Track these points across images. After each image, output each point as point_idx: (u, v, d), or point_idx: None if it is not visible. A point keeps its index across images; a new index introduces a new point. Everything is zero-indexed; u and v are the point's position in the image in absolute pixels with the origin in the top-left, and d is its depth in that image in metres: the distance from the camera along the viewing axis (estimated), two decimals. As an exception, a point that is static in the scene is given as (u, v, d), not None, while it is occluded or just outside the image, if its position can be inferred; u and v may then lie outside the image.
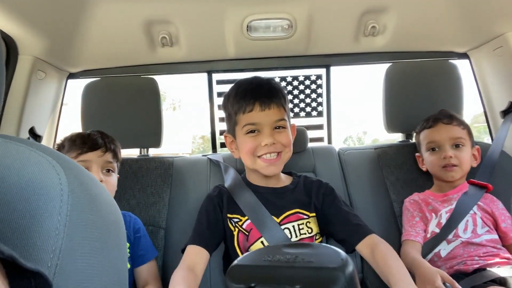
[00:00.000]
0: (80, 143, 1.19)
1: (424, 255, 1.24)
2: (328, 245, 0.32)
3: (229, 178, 1.33)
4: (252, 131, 1.16)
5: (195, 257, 1.09)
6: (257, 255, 0.32)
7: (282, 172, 1.29)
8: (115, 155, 1.27)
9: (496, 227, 1.26)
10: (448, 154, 1.32)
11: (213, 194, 1.25)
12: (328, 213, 1.19)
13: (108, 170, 1.24)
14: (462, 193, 1.32)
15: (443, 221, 1.27)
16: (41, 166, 0.40)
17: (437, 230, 1.27)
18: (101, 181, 1.20)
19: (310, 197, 1.22)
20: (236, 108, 1.18)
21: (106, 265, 0.41)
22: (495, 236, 1.23)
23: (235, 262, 0.32)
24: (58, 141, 1.30)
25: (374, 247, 1.07)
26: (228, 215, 1.19)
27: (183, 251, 1.15)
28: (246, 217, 1.17)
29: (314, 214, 1.21)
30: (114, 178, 1.26)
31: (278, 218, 1.17)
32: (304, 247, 0.32)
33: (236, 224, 1.18)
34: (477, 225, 1.25)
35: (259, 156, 1.17)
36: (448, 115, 1.39)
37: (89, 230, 0.40)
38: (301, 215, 1.19)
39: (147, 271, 1.23)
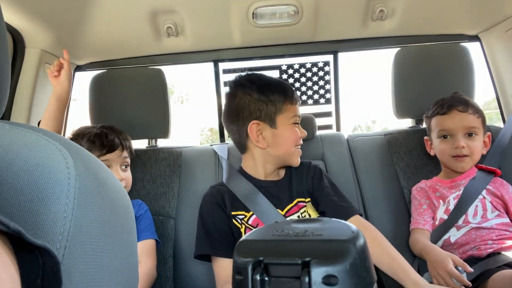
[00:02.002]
0: (100, 145, 1.24)
1: (433, 242, 1.23)
2: (338, 220, 0.32)
3: (224, 171, 1.30)
4: (296, 123, 1.21)
5: (228, 271, 1.09)
6: (266, 230, 0.32)
7: None
8: (130, 150, 1.35)
9: (507, 211, 1.24)
10: (460, 144, 1.26)
11: (211, 194, 1.22)
12: (317, 195, 1.20)
13: (126, 166, 1.31)
14: (470, 179, 1.29)
15: (451, 207, 1.25)
16: (48, 150, 0.40)
17: (445, 217, 1.25)
18: (122, 179, 1.26)
19: (302, 182, 1.23)
20: (283, 96, 1.18)
21: (115, 248, 0.41)
22: (506, 220, 1.21)
23: (243, 237, 0.32)
24: (70, 135, 1.31)
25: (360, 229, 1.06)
26: (233, 213, 1.16)
27: (196, 256, 1.14)
28: (251, 212, 1.15)
29: (309, 199, 1.21)
30: (129, 173, 1.33)
31: (282, 211, 1.16)
32: (313, 222, 0.31)
33: (242, 221, 1.16)
34: (487, 210, 1.22)
35: (296, 146, 1.21)
36: (464, 101, 1.31)
37: (97, 213, 0.40)
38: (301, 203, 1.19)
39: (141, 248, 1.23)
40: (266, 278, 0.27)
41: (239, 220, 1.16)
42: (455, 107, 1.31)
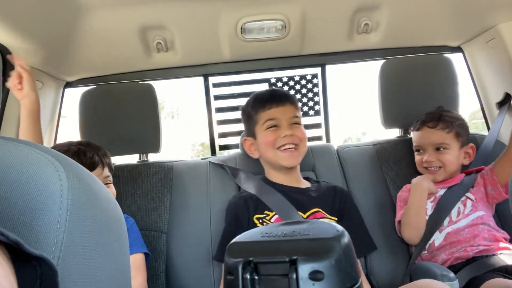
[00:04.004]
0: (79, 163, 1.19)
1: (420, 248, 1.27)
2: (325, 221, 0.33)
3: (250, 181, 1.36)
4: (272, 126, 1.28)
5: None
6: (255, 233, 0.33)
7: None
8: (111, 167, 1.30)
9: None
10: (428, 158, 1.34)
11: (238, 200, 1.29)
12: (342, 221, 1.27)
13: (107, 184, 1.27)
14: (449, 186, 1.34)
15: (429, 211, 1.31)
16: (40, 163, 0.40)
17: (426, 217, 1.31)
18: None
19: (334, 201, 1.29)
20: (256, 108, 1.31)
21: (108, 259, 0.41)
22: (480, 213, 1.26)
23: (234, 240, 0.33)
24: None
25: None
26: (256, 216, 1.23)
27: (217, 257, 1.24)
28: (274, 212, 1.22)
29: (336, 219, 1.25)
30: (113, 189, 1.30)
31: (304, 214, 1.23)
32: (301, 223, 0.33)
33: (264, 219, 1.21)
34: (466, 206, 1.28)
35: (278, 148, 1.27)
36: (437, 117, 1.37)
37: (90, 224, 0.40)
38: (323, 214, 1.24)
39: (130, 263, 1.22)
40: (256, 277, 0.28)
41: (260, 221, 1.22)
42: (426, 124, 1.38)
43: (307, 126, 1.80)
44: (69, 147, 1.23)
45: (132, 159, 1.65)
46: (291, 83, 1.85)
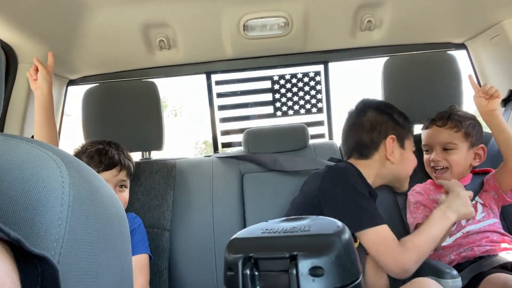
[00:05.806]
0: (98, 161, 1.22)
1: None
2: (325, 217, 0.33)
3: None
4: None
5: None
6: (255, 229, 0.33)
7: None
8: (129, 171, 1.30)
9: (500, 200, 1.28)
10: (435, 157, 1.32)
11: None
12: None
13: (121, 186, 1.27)
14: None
15: None
16: (42, 160, 0.40)
17: None
18: None
19: None
20: (410, 127, 1.33)
21: (109, 256, 0.41)
22: (493, 220, 1.24)
23: (234, 236, 0.33)
24: (76, 148, 1.31)
25: None
26: None
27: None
28: None
29: None
30: (126, 193, 1.29)
31: None
32: (301, 220, 0.33)
33: None
34: (477, 211, 1.26)
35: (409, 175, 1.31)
36: (446, 116, 1.35)
37: (91, 221, 0.40)
38: None
39: (134, 263, 1.21)
40: (256, 273, 0.28)
41: None
42: (435, 122, 1.36)
43: (310, 124, 1.80)
44: (97, 144, 1.27)
45: (134, 156, 1.65)
46: (294, 80, 1.85)
